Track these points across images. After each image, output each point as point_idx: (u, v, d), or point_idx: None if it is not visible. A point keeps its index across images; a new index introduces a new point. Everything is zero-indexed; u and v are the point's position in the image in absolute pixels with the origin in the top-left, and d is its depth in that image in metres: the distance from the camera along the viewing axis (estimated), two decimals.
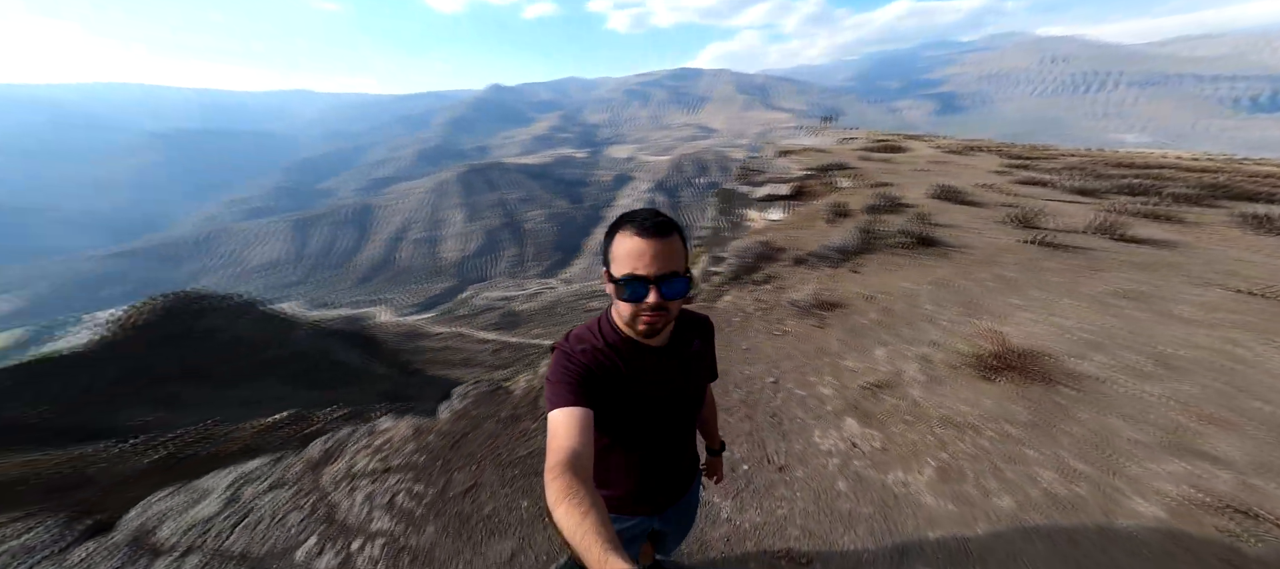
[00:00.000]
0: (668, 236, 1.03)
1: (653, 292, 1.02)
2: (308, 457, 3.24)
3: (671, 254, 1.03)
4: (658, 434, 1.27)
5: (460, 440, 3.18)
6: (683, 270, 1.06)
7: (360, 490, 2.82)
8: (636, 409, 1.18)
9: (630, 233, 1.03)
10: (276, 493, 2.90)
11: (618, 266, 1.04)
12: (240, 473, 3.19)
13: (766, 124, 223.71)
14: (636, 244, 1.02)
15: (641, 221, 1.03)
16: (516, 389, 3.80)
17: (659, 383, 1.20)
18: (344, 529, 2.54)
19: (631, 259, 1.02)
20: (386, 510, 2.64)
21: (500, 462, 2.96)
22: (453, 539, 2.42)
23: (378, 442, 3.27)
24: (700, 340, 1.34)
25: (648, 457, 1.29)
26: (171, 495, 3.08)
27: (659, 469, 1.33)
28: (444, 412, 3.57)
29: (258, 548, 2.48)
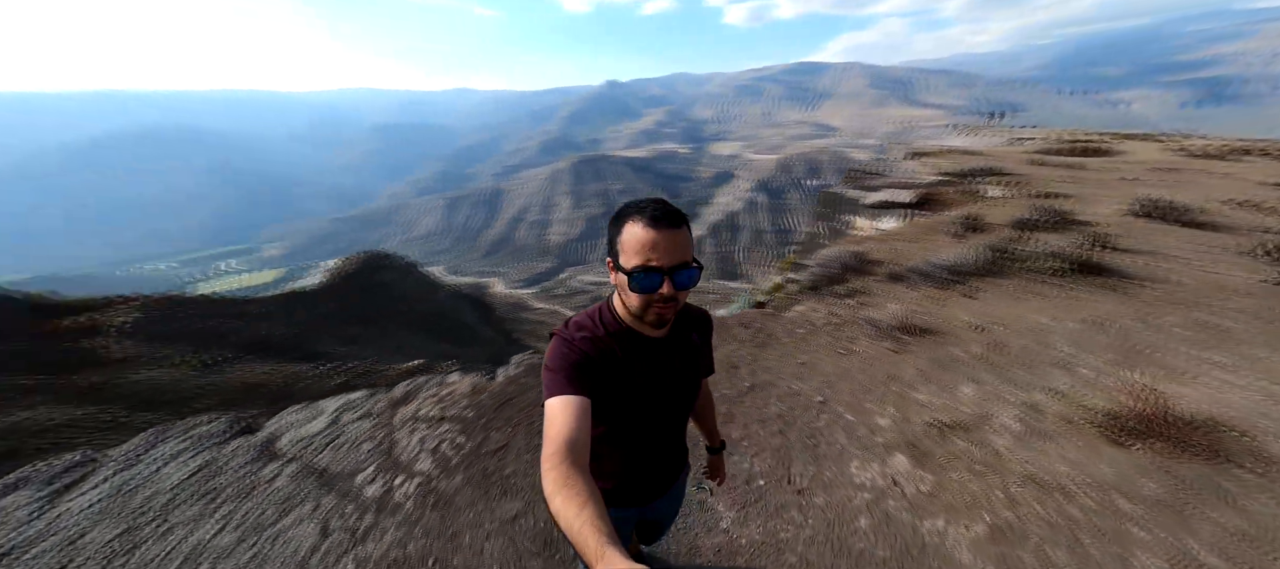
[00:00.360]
0: (678, 227, 1.02)
1: (666, 282, 1.02)
2: (391, 396, 3.82)
3: (683, 244, 1.03)
4: (651, 427, 1.27)
5: (505, 404, 3.47)
6: (692, 260, 1.05)
7: (417, 432, 3.24)
8: (632, 401, 1.18)
9: (641, 223, 1.02)
10: (361, 423, 3.48)
11: (628, 258, 1.03)
12: (346, 401, 3.90)
13: (904, 122, 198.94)
14: (649, 235, 1.01)
15: (652, 212, 1.02)
16: None
17: (656, 375, 1.20)
18: (395, 464, 2.95)
19: (644, 250, 1.01)
20: (431, 454, 3.00)
21: (532, 430, 3.16)
22: (472, 490, 2.66)
23: (443, 393, 3.72)
24: (698, 334, 1.32)
25: (640, 449, 1.29)
26: (299, 410, 3.89)
27: (650, 462, 1.33)
28: (500, 376, 3.91)
29: (334, 467, 3.02)
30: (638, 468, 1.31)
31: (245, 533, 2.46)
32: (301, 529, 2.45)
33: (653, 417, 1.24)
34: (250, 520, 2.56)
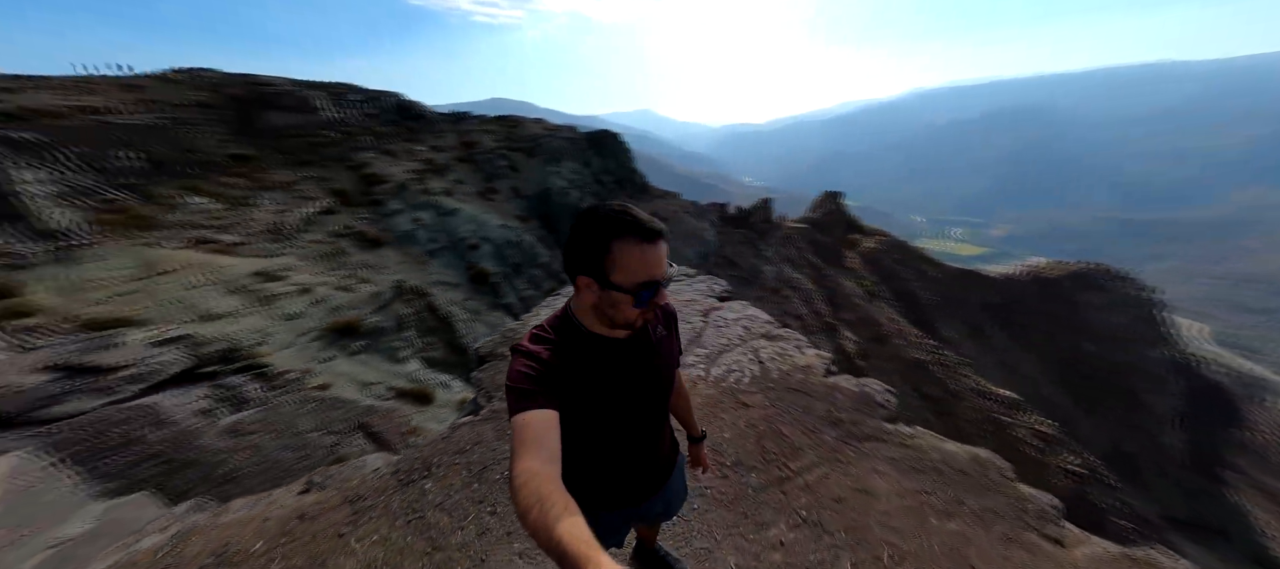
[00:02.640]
0: (664, 237, 1.07)
1: (662, 292, 1.08)
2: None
3: (666, 253, 1.08)
4: (632, 427, 1.28)
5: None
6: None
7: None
8: (607, 404, 1.19)
9: (637, 240, 1.03)
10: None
11: (627, 275, 1.04)
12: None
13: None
14: (648, 252, 1.04)
15: (646, 229, 1.04)
16: None
17: (629, 374, 1.21)
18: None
19: (646, 267, 1.04)
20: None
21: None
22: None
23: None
24: (664, 326, 1.34)
25: (624, 450, 1.30)
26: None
27: (636, 461, 1.35)
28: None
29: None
30: (625, 469, 1.33)
31: None
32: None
33: (631, 415, 1.26)
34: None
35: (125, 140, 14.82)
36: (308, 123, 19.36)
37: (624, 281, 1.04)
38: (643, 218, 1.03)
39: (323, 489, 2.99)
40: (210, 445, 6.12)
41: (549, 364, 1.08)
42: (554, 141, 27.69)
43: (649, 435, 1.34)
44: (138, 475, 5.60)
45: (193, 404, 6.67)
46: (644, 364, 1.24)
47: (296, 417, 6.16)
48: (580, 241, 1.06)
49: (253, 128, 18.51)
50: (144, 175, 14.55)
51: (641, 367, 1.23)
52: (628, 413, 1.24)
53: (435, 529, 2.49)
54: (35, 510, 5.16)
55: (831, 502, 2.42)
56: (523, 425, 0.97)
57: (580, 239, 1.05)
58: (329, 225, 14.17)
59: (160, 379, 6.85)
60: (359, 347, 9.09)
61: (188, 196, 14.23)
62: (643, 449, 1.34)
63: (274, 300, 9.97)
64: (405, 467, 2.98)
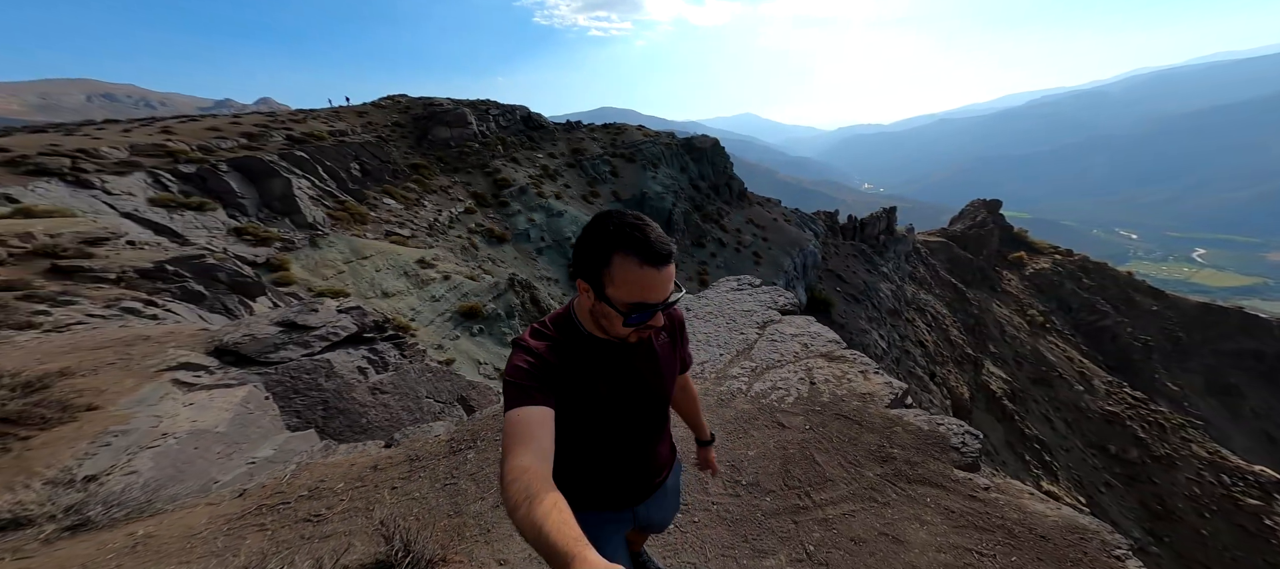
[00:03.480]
0: (671, 261, 1.02)
1: (659, 314, 1.05)
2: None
3: (672, 276, 1.04)
4: (629, 429, 1.27)
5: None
6: (677, 285, 1.06)
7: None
8: (604, 405, 1.17)
9: (637, 261, 0.99)
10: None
11: (620, 292, 1.01)
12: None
13: None
14: (649, 275, 0.99)
15: (651, 250, 0.99)
16: None
17: (626, 377, 1.20)
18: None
19: (643, 290, 1.00)
20: None
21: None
22: None
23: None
24: (666, 333, 1.33)
25: (621, 452, 1.29)
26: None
27: (633, 464, 1.34)
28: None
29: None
30: (620, 471, 1.32)
31: None
32: None
33: (627, 418, 1.24)
34: None
35: (354, 155, 19.05)
36: (460, 135, 22.73)
37: (618, 297, 1.01)
38: (652, 237, 0.99)
39: (397, 446, 3.52)
40: (359, 399, 7.44)
41: (547, 361, 1.08)
42: (652, 148, 28.35)
43: (644, 440, 1.33)
44: (309, 416, 7.12)
45: (354, 362, 8.17)
46: (642, 370, 1.23)
47: (418, 383, 7.25)
48: (585, 246, 1.04)
49: (426, 140, 22.35)
50: (359, 181, 18.54)
51: (639, 372, 1.22)
52: (623, 416, 1.22)
53: (462, 495, 2.76)
54: (248, 432, 6.90)
55: (848, 541, 2.11)
56: (516, 421, 0.96)
57: (586, 243, 1.04)
58: (468, 223, 16.49)
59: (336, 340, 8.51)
60: (478, 329, 10.42)
61: (383, 198, 17.77)
62: (637, 453, 1.33)
63: (426, 284, 11.93)
64: (458, 436, 3.35)
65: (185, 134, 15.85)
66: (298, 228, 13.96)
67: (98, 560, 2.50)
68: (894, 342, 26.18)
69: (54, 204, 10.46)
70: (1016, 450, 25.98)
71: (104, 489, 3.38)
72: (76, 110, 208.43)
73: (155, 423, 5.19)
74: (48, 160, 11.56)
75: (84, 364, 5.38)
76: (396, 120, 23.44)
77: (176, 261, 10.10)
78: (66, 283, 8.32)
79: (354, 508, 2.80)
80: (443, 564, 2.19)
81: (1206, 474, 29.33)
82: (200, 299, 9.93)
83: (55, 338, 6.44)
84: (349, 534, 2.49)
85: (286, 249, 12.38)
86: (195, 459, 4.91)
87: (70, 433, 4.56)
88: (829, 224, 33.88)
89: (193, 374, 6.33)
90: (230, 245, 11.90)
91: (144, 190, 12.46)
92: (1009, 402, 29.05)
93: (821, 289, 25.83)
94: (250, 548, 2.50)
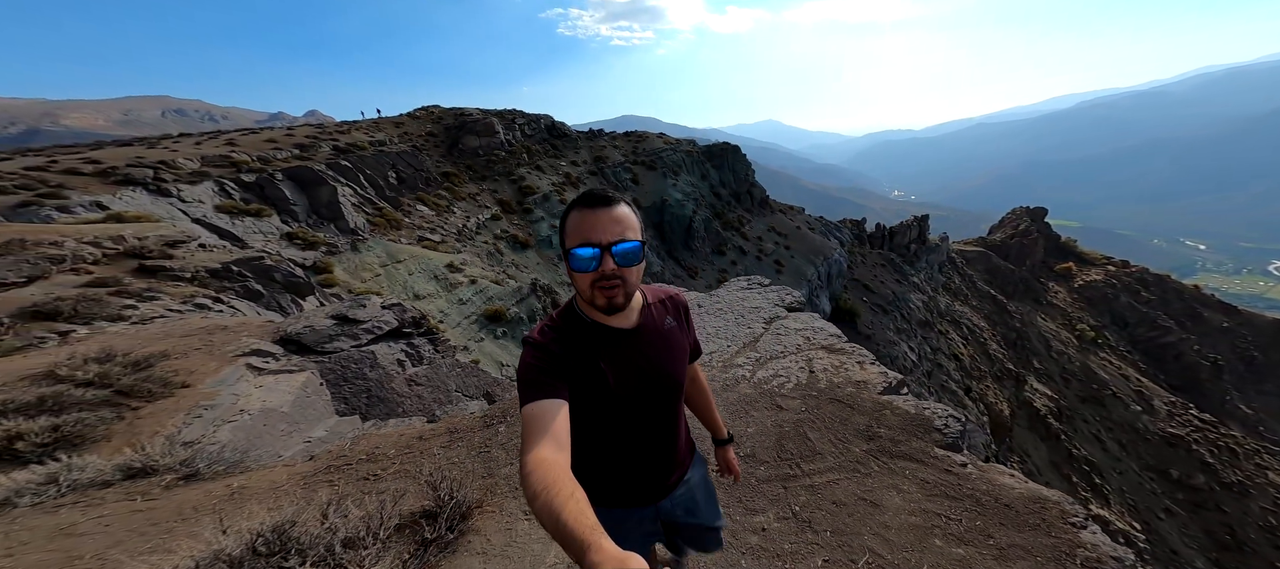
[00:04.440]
0: (613, 205, 1.05)
1: (607, 258, 1.04)
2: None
3: (620, 220, 1.05)
4: (639, 421, 1.25)
5: None
6: (636, 237, 1.07)
7: None
8: (613, 395, 1.17)
9: (577, 209, 1.06)
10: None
11: (569, 240, 1.07)
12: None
13: None
14: (583, 215, 1.04)
15: (588, 196, 1.06)
16: None
17: (633, 365, 1.19)
18: None
19: (582, 230, 1.04)
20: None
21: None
22: None
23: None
24: (673, 318, 1.32)
25: (631, 444, 1.27)
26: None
27: (647, 454, 1.31)
28: None
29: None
30: (632, 465, 1.30)
31: None
32: None
33: (637, 404, 1.23)
34: None
35: (391, 164, 20.30)
36: (488, 144, 23.75)
37: (568, 245, 1.07)
38: (594, 189, 1.08)
39: (438, 421, 3.99)
40: (397, 389, 8.04)
41: (555, 354, 1.10)
42: (673, 155, 28.58)
43: (658, 429, 1.31)
44: (355, 403, 7.77)
45: (394, 355, 8.81)
46: (649, 353, 1.22)
47: (448, 377, 7.81)
48: (559, 224, 1.14)
49: (456, 149, 23.47)
50: (396, 189, 19.71)
51: (645, 356, 1.21)
52: (632, 402, 1.21)
53: (494, 461, 3.18)
54: (306, 414, 7.61)
55: (830, 504, 2.39)
56: (531, 415, 0.98)
57: (559, 222, 1.14)
58: (494, 229, 17.26)
59: (380, 334, 9.19)
60: (501, 332, 10.99)
61: (417, 205, 18.84)
62: (651, 443, 1.31)
63: (454, 288, 12.65)
64: (491, 413, 3.79)
65: (247, 146, 17.27)
66: (341, 233, 14.98)
67: (205, 504, 3.04)
68: (925, 354, 25.43)
69: (139, 210, 11.69)
70: (1062, 471, 24.68)
71: (203, 450, 3.99)
72: (153, 125, 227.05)
73: (234, 400, 5.90)
74: (134, 171, 12.93)
75: (177, 348, 6.15)
76: (430, 130, 24.73)
77: (240, 263, 11.09)
78: (151, 281, 9.33)
79: (404, 470, 3.26)
80: (479, 509, 2.60)
81: None
82: (259, 297, 10.87)
83: (152, 326, 7.32)
84: (402, 488, 2.93)
85: (331, 252, 13.35)
86: (264, 434, 5.56)
87: (170, 406, 5.28)
88: (856, 232, 33.29)
89: (262, 360, 7.07)
90: (282, 249, 12.94)
91: (212, 198, 13.70)
92: (1054, 420, 27.65)
93: (847, 298, 25.42)
94: (322, 498, 2.97)
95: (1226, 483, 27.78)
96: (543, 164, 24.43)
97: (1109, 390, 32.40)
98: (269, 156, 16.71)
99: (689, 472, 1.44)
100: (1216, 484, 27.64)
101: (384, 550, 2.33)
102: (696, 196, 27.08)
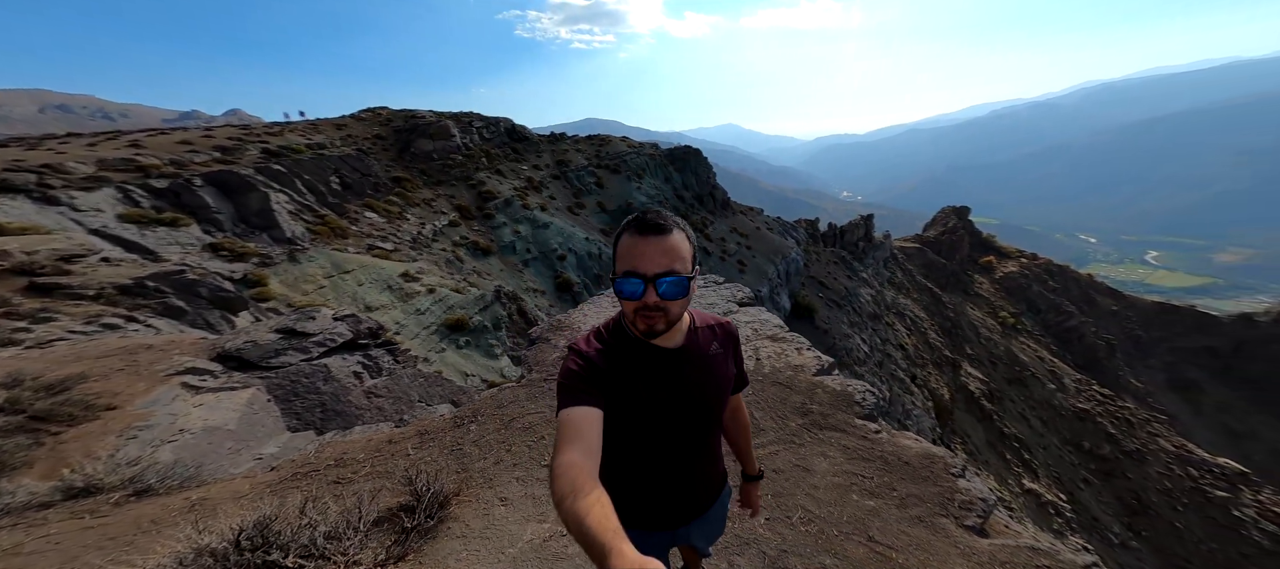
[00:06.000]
0: (666, 234, 1.05)
1: (649, 290, 1.04)
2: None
3: (670, 251, 1.05)
4: (672, 443, 1.25)
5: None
6: (684, 270, 1.07)
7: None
8: (649, 414, 1.18)
9: (629, 232, 1.07)
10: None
11: (618, 264, 1.08)
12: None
13: None
14: (634, 242, 1.05)
15: (639, 220, 1.07)
16: None
17: (672, 386, 1.19)
18: None
19: (630, 257, 1.06)
20: None
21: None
22: None
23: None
24: (720, 345, 1.31)
25: (662, 466, 1.26)
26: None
27: (675, 481, 1.30)
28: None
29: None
30: (661, 487, 1.29)
31: None
32: None
33: (673, 429, 1.23)
34: None
35: (334, 168, 19.37)
36: (444, 147, 23.22)
37: (617, 270, 1.09)
38: (648, 215, 1.07)
39: (407, 425, 4.09)
40: (355, 402, 7.89)
41: (597, 365, 1.12)
42: (637, 158, 29.10)
43: (692, 454, 1.30)
44: (309, 418, 7.55)
45: (350, 367, 8.61)
46: (690, 375, 1.21)
47: (411, 387, 7.75)
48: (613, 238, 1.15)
49: (408, 153, 22.77)
50: (340, 195, 18.84)
51: (686, 379, 1.20)
52: (668, 424, 1.21)
53: (467, 457, 3.36)
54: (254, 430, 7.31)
55: (771, 472, 2.77)
56: (565, 420, 1.00)
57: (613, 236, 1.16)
58: (452, 236, 16.96)
59: (333, 346, 8.93)
60: (465, 341, 10.90)
61: (365, 212, 18.12)
62: (685, 468, 1.30)
63: (411, 298, 12.37)
64: (461, 413, 3.95)
65: (156, 148, 15.86)
66: (276, 242, 14.21)
67: (164, 517, 3.02)
68: (876, 345, 27.14)
69: (23, 221, 10.61)
70: (997, 449, 26.95)
71: (150, 468, 3.88)
72: (29, 122, 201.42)
73: (172, 420, 5.68)
74: (13, 176, 11.55)
75: (95, 370, 5.82)
76: (377, 133, 23.82)
77: (157, 278, 10.32)
78: (45, 300, 8.55)
79: (376, 471, 3.37)
80: (456, 498, 2.79)
81: (1175, 468, 30.78)
82: (181, 314, 10.16)
83: (56, 349, 6.81)
84: (377, 487, 3.06)
85: (264, 264, 12.66)
86: (210, 452, 5.40)
87: (97, 428, 5.02)
88: (810, 232, 35.04)
89: (199, 378, 6.78)
90: (205, 261, 12.09)
91: (113, 206, 12.35)
92: (987, 402, 30.24)
93: (805, 295, 26.76)
94: (295, 501, 3.03)
95: (1128, 451, 31.41)
96: (503, 168, 24.11)
97: (1029, 371, 35.82)
98: (184, 160, 15.47)
99: (716, 505, 1.43)
100: (1120, 453, 31.19)
101: (366, 541, 2.48)
102: (661, 199, 27.62)
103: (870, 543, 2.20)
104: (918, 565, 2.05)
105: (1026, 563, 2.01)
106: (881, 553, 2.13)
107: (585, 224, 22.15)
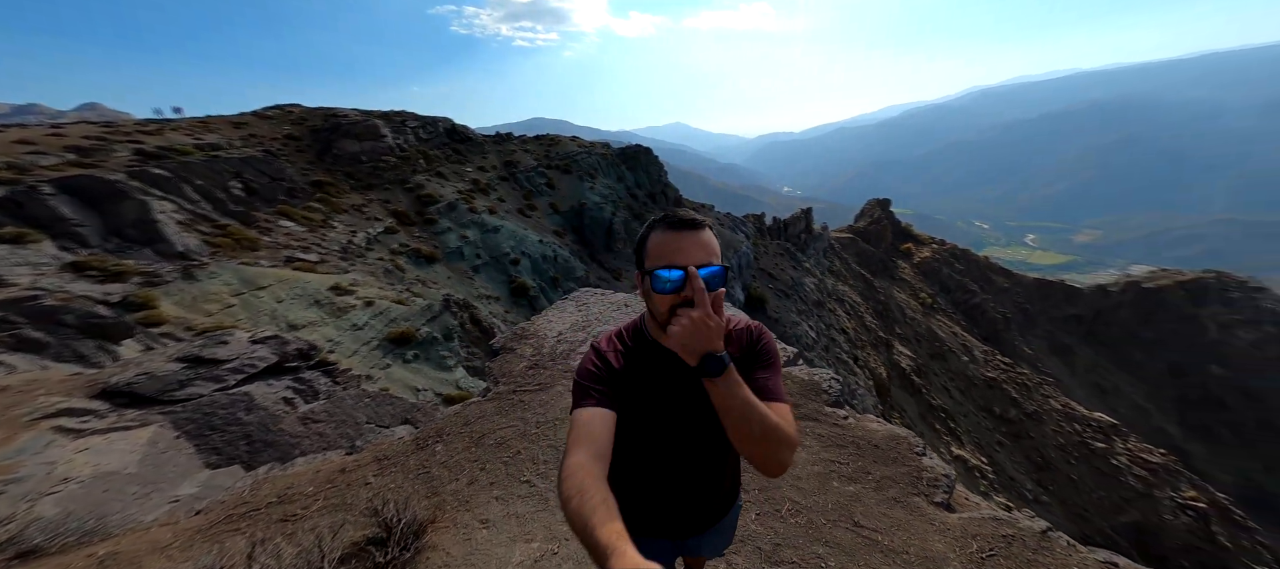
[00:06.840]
0: (700, 230, 1.05)
1: (689, 284, 1.00)
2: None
3: (706, 246, 1.05)
4: (686, 453, 1.21)
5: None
6: (720, 263, 1.07)
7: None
8: (664, 420, 1.16)
9: (662, 229, 1.06)
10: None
11: (651, 261, 1.06)
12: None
13: None
14: (669, 237, 1.04)
15: (671, 218, 1.07)
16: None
17: (688, 393, 1.13)
18: None
19: (666, 252, 1.03)
20: None
21: None
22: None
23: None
24: (746, 350, 1.22)
25: (674, 475, 1.23)
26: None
27: (686, 491, 1.26)
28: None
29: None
30: (673, 494, 1.26)
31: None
32: None
33: (686, 437, 1.19)
34: None
35: (234, 172, 17.38)
36: (373, 149, 21.64)
37: (649, 266, 1.06)
38: (680, 212, 1.08)
39: (361, 451, 3.77)
40: (289, 431, 7.18)
41: (614, 367, 1.11)
42: (588, 158, 28.85)
43: (702, 464, 1.25)
44: (232, 452, 6.78)
45: (277, 393, 7.81)
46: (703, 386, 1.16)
47: (356, 409, 7.16)
48: (636, 241, 1.14)
49: (330, 155, 21.00)
50: (245, 202, 16.96)
51: (700, 387, 1.11)
52: (685, 433, 1.18)
53: (437, 480, 3.15)
54: (163, 471, 6.43)
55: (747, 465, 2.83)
56: (578, 420, 1.00)
57: (637, 239, 1.13)
58: (390, 244, 15.87)
59: (254, 372, 8.06)
60: (412, 355, 10.24)
61: (279, 220, 16.46)
62: (696, 477, 1.26)
63: (345, 312, 11.42)
64: (423, 434, 3.69)
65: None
66: (164, 258, 12.53)
67: None
68: (821, 331, 28.71)
69: None
70: (928, 421, 29.44)
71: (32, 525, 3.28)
72: None
73: (49, 470, 4.94)
74: None
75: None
76: (290, 133, 21.74)
77: (4, 305, 8.81)
78: None
79: (331, 504, 3.07)
80: (433, 525, 2.60)
81: (1064, 424, 35.22)
82: (42, 348, 8.71)
83: None
84: (337, 521, 2.78)
85: (151, 283, 11.12)
86: (108, 500, 4.72)
87: None
88: (758, 226, 36.38)
89: (78, 420, 5.93)
90: (67, 283, 10.38)
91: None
92: (916, 377, 32.98)
93: (757, 286, 27.76)
94: (236, 547, 2.68)
95: (1029, 413, 35.54)
96: (445, 170, 22.81)
97: (947, 347, 39.55)
98: (26, 164, 13.10)
99: (726, 516, 1.38)
100: (1023, 415, 35.22)
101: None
102: (614, 199, 27.36)
103: (856, 528, 2.31)
104: (902, 546, 2.18)
105: (993, 534, 2.20)
106: (868, 537, 2.25)
107: (538, 226, 21.56)
